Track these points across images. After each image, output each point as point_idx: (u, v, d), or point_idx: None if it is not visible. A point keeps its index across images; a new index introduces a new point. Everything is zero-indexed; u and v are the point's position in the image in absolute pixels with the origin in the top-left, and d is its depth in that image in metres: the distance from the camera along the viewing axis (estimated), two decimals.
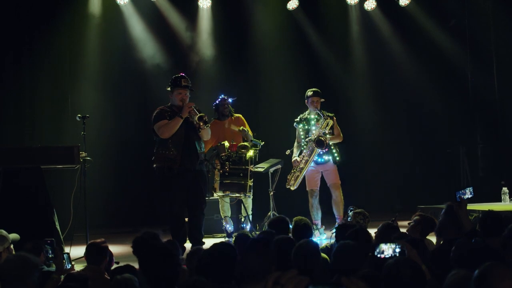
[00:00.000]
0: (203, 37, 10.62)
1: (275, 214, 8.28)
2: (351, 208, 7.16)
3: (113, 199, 9.90)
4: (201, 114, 6.86)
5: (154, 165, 6.96)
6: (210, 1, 10.59)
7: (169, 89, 7.06)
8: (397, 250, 3.21)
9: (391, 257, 3.17)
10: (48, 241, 4.60)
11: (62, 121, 9.48)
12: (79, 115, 7.46)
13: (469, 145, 11.31)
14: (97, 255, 4.53)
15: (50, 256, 4.53)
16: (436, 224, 5.20)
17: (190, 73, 9.41)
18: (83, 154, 7.06)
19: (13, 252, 4.93)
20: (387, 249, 3.22)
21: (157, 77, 9.97)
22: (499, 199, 9.04)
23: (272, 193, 8.27)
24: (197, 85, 9.82)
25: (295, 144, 8.24)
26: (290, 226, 5.25)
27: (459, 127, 11.33)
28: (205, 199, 7.15)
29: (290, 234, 5.04)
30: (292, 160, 8.17)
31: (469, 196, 4.75)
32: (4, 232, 4.98)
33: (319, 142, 7.93)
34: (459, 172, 11.23)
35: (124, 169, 10.10)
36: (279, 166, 8.39)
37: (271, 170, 8.38)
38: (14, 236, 5.19)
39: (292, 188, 8.17)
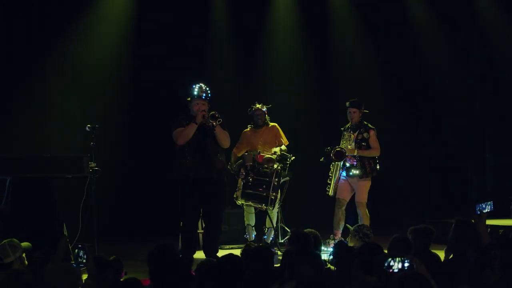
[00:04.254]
0: (213, 42, 10.64)
1: (283, 226, 8.28)
2: (347, 225, 7.14)
3: (122, 210, 9.89)
4: (212, 112, 6.92)
5: (174, 174, 7.01)
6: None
7: (188, 99, 7.14)
8: (406, 264, 3.21)
9: (399, 271, 3.16)
10: (80, 245, 4.62)
11: (72, 130, 9.50)
12: (89, 125, 7.50)
13: (477, 159, 11.27)
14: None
15: (83, 260, 4.55)
16: (433, 233, 5.18)
17: (198, 79, 9.40)
18: (93, 164, 7.10)
19: (25, 262, 4.96)
20: (396, 263, 3.22)
21: (168, 86, 10.01)
22: (507, 215, 9.00)
23: (279, 204, 8.26)
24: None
25: None
26: None
27: (467, 141, 11.28)
28: (221, 213, 7.19)
29: None
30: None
31: (489, 210, 4.74)
32: (16, 241, 5.00)
33: (338, 154, 7.87)
34: (467, 186, 11.19)
35: (133, 179, 10.09)
36: (288, 178, 8.39)
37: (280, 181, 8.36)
38: (26, 244, 5.20)
39: (329, 194, 8.11)
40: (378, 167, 8.14)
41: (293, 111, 10.60)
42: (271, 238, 7.97)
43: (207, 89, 7.14)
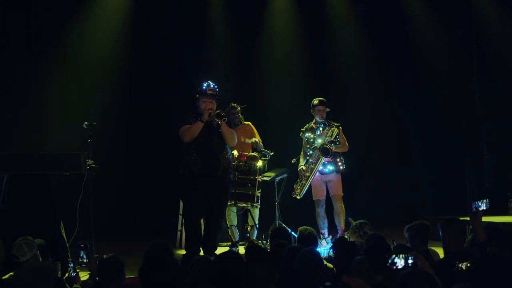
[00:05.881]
0: (211, 44, 10.62)
1: (281, 223, 8.28)
2: (350, 219, 7.15)
3: (119, 207, 9.88)
4: (217, 111, 6.95)
5: (180, 171, 7.03)
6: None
7: (197, 96, 7.15)
8: (409, 261, 3.19)
9: (404, 268, 3.15)
10: (82, 245, 4.56)
11: (69, 128, 9.47)
12: (86, 123, 7.47)
13: (475, 156, 11.26)
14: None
15: (84, 260, 4.49)
16: (430, 228, 5.17)
17: (196, 75, 9.39)
18: (90, 161, 7.06)
19: (40, 259, 4.92)
20: (400, 260, 3.20)
21: (167, 84, 9.98)
22: (505, 211, 9.00)
23: (277, 202, 8.27)
24: None
25: (301, 153, 8.26)
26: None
27: (465, 137, 11.28)
28: (223, 211, 7.20)
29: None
30: (298, 169, 8.19)
31: (485, 208, 4.74)
32: (31, 238, 4.96)
33: (324, 150, 7.97)
34: (465, 183, 11.18)
35: (131, 177, 10.09)
36: (285, 175, 8.41)
37: (277, 179, 8.38)
38: (39, 241, 5.17)
39: (298, 197, 8.18)
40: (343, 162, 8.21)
41: (291, 108, 10.59)
42: (255, 237, 7.97)
43: (215, 87, 7.14)
